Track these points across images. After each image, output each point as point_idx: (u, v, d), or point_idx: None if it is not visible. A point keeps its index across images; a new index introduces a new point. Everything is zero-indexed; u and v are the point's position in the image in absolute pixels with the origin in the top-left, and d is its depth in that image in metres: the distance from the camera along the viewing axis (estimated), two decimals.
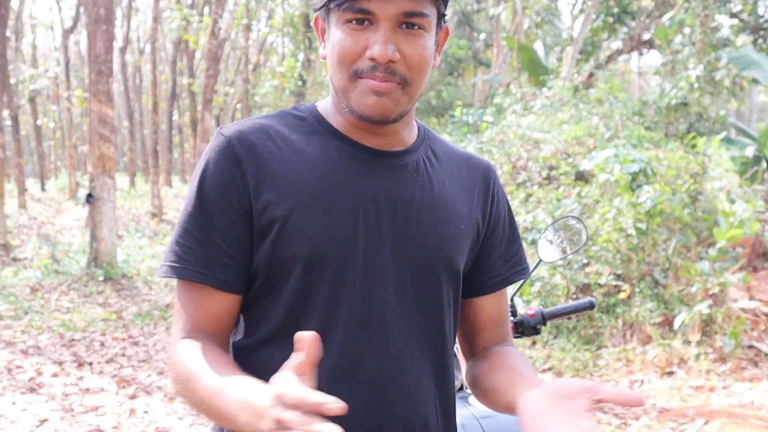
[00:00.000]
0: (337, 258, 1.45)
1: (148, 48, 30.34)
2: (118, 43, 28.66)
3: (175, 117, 30.46)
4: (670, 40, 13.44)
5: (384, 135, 1.53)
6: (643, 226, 7.24)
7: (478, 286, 1.66)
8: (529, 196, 9.72)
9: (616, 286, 7.31)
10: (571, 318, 7.34)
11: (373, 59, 1.39)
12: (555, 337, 7.36)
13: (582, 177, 9.52)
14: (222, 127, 1.51)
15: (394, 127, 1.52)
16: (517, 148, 11.71)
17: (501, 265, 1.68)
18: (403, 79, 1.43)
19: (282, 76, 25.48)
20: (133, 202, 27.10)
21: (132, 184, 33.16)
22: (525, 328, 2.36)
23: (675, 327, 6.67)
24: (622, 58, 19.53)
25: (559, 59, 19.26)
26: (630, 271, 7.32)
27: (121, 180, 33.18)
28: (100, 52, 12.02)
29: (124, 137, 41.40)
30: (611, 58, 18.47)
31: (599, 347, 7.07)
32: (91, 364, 7.60)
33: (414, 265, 1.52)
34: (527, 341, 7.34)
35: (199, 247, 1.44)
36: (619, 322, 7.11)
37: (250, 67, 25.46)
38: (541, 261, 2.50)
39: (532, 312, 2.37)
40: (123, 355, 8.05)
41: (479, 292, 1.66)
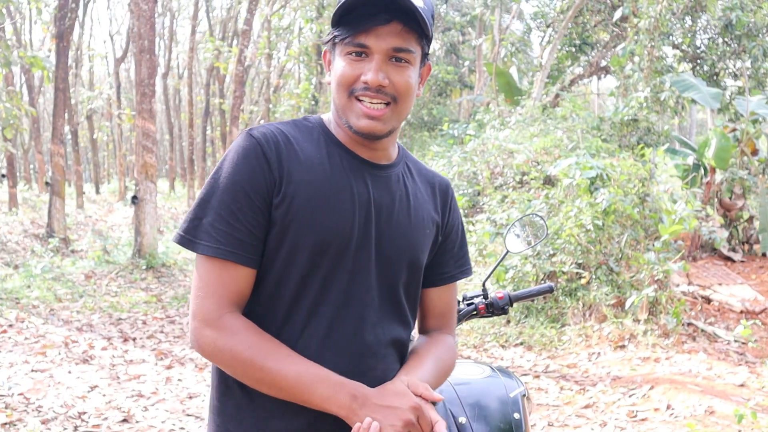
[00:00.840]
0: (336, 248, 1.53)
1: (186, 73, 30.34)
2: (161, 69, 28.69)
3: (208, 131, 30.44)
4: (622, 66, 13.43)
5: (375, 149, 1.62)
6: (599, 223, 7.24)
7: (431, 280, 1.75)
8: (505, 197, 9.71)
9: (577, 273, 7.31)
10: (536, 300, 7.34)
11: (366, 83, 1.50)
12: (526, 316, 7.36)
13: (549, 181, 9.50)
14: (250, 129, 1.56)
15: (383, 143, 1.62)
16: (495, 157, 11.71)
17: (451, 264, 1.78)
18: (393, 98, 1.52)
19: (298, 96, 25.48)
20: (172, 202, 27.16)
21: (171, 187, 33.21)
22: (495, 309, 2.37)
23: (626, 308, 6.67)
24: (583, 82, 19.49)
25: (531, 82, 19.24)
26: (589, 261, 7.32)
27: (162, 184, 33.24)
28: (145, 77, 12.02)
29: (165, 148, 41.42)
30: (574, 82, 18.44)
31: (563, 325, 7.06)
32: (134, 340, 7.59)
33: (388, 259, 1.60)
34: (502, 320, 7.33)
35: (232, 230, 1.48)
36: (580, 303, 7.10)
37: (271, 89, 25.46)
38: (508, 251, 2.50)
39: (501, 295, 2.38)
40: (161, 331, 8.04)
41: (431, 284, 1.76)
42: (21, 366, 6.45)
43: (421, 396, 1.49)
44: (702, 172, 11.48)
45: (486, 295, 2.39)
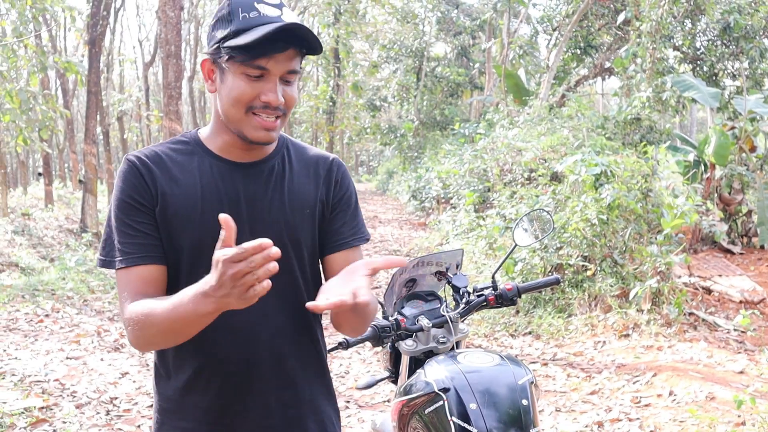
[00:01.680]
0: (210, 245, 1.53)
1: None
2: (187, 73, 28.75)
3: None
4: (625, 67, 13.36)
5: (249, 150, 1.75)
6: (604, 217, 7.20)
7: (328, 247, 1.84)
8: (514, 193, 9.68)
9: (583, 265, 7.28)
10: (544, 291, 7.31)
11: (266, 102, 1.62)
12: (534, 307, 7.33)
13: (556, 178, 9.46)
14: (127, 154, 1.73)
15: (256, 145, 1.73)
16: (504, 155, 11.68)
17: (345, 232, 1.86)
18: (284, 113, 1.67)
19: (316, 98, 25.53)
20: None
21: None
22: (504, 300, 2.37)
23: (630, 298, 6.64)
24: (588, 83, 19.41)
25: (538, 84, 19.17)
26: (594, 254, 7.29)
27: None
28: (172, 81, 12.04)
29: None
30: (579, 83, 18.37)
31: (569, 315, 7.03)
32: None
33: None
34: (511, 310, 7.32)
35: (132, 239, 1.64)
36: (586, 294, 7.07)
37: None
38: (516, 245, 2.49)
39: (509, 287, 2.38)
40: None
41: (329, 251, 1.84)
42: (56, 353, 6.49)
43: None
44: (702, 168, 11.40)
45: (495, 287, 2.40)
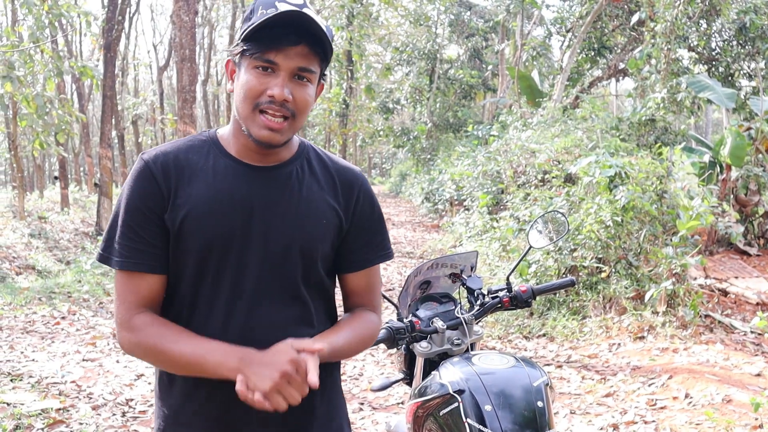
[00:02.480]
0: (219, 249, 1.64)
1: (224, 80, 30.53)
2: (201, 76, 28.90)
3: None
4: (640, 68, 13.31)
5: (265, 154, 1.70)
6: (619, 219, 7.18)
7: (346, 266, 1.82)
8: (528, 195, 9.66)
9: (597, 267, 7.25)
10: (557, 293, 7.29)
11: (272, 96, 1.58)
12: (548, 309, 7.32)
13: (570, 179, 9.43)
14: (143, 153, 1.68)
15: (276, 149, 1.70)
16: (518, 157, 11.66)
17: (365, 250, 1.82)
18: (292, 114, 1.62)
19: (329, 100, 25.56)
20: None
21: None
22: (518, 302, 2.38)
23: (645, 300, 6.61)
24: (602, 84, 19.34)
25: (552, 85, 19.12)
26: (609, 255, 7.26)
27: None
28: (186, 84, 12.11)
29: None
30: (593, 84, 18.31)
31: (584, 317, 7.01)
32: None
33: (277, 252, 1.68)
34: (525, 312, 7.30)
35: (134, 244, 1.62)
36: (600, 296, 7.05)
37: None
38: (531, 247, 2.49)
39: (524, 288, 2.38)
40: None
41: (347, 270, 1.82)
42: (73, 355, 6.53)
43: (303, 350, 1.53)
44: (718, 169, 11.32)
45: (510, 289, 2.40)
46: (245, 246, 1.66)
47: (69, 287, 9.89)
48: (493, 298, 2.38)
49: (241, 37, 1.62)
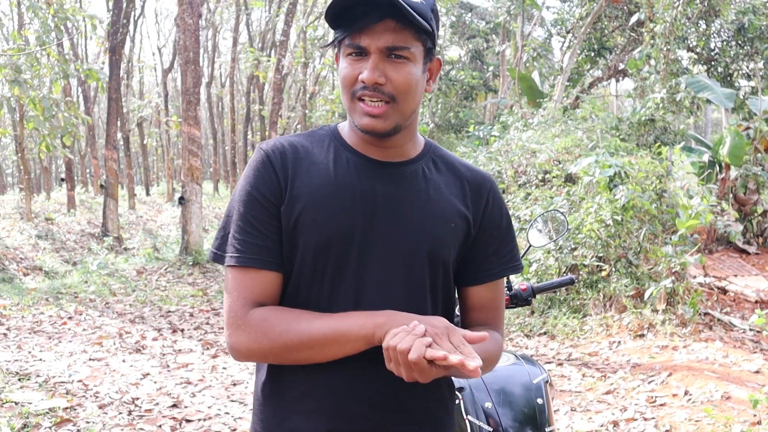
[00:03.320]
0: (338, 247, 1.48)
1: (228, 82, 30.58)
2: (205, 79, 28.94)
3: (249, 136, 30.65)
4: (639, 69, 13.30)
5: (387, 148, 1.54)
6: (618, 218, 7.18)
7: (470, 278, 1.62)
8: (528, 194, 9.66)
9: (597, 266, 7.26)
10: (558, 292, 7.30)
11: (363, 81, 1.42)
12: (549, 307, 7.33)
13: (570, 179, 9.43)
14: (261, 143, 1.55)
15: (395, 141, 1.53)
16: (519, 157, 11.65)
17: (493, 261, 1.63)
18: (391, 97, 1.44)
19: (332, 102, 25.56)
20: (216, 203, 27.38)
21: (216, 189, 33.51)
22: (519, 300, 2.37)
23: (645, 298, 6.61)
24: (602, 84, 19.33)
25: (552, 86, 19.11)
26: (609, 254, 7.26)
27: (207, 186, 33.53)
28: (190, 86, 12.13)
29: (209, 152, 41.74)
30: (593, 84, 18.30)
31: (584, 315, 7.02)
32: (182, 331, 7.67)
33: (402, 254, 1.51)
34: (526, 310, 7.31)
35: (251, 238, 1.47)
36: (600, 295, 7.05)
37: (307, 95, 25.56)
38: (531, 246, 2.49)
39: (524, 287, 2.38)
40: (207, 323, 8.12)
41: (471, 282, 1.63)
42: (80, 355, 6.55)
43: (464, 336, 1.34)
44: (717, 168, 11.32)
45: (510, 287, 2.39)
46: (366, 246, 1.50)
47: (75, 288, 9.92)
48: None
49: (329, 24, 1.48)
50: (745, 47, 14.85)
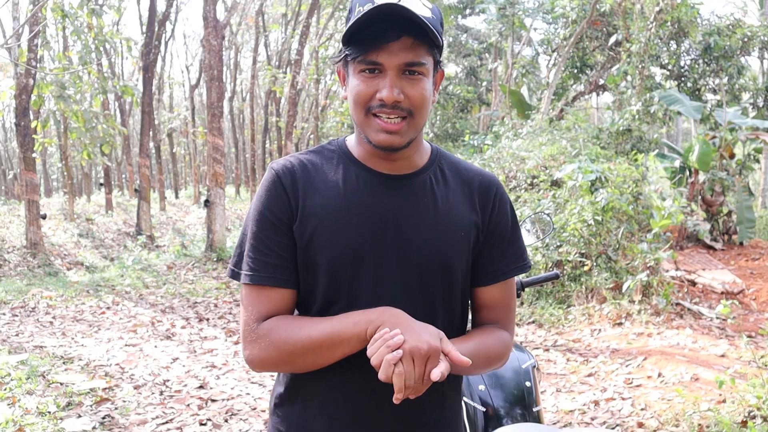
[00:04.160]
0: (352, 263, 1.37)
1: (248, 96, 30.60)
2: (227, 93, 28.97)
3: (267, 145, 30.62)
4: (617, 84, 13.28)
5: (395, 160, 1.43)
6: (599, 218, 7.17)
7: (479, 279, 1.50)
8: (518, 197, 9.65)
9: (580, 261, 7.25)
10: (545, 285, 7.29)
11: (382, 100, 1.31)
12: (537, 299, 7.32)
13: (556, 183, 9.42)
14: (272, 163, 1.45)
15: (404, 153, 1.42)
16: (509, 163, 11.63)
17: (500, 261, 1.50)
18: (408, 113, 1.34)
19: (342, 114, 25.56)
20: (237, 205, 27.39)
21: (237, 192, 33.51)
22: None
23: (623, 290, 6.61)
24: (584, 98, 19.29)
25: (539, 99, 19.08)
26: (590, 251, 7.26)
27: (230, 190, 33.56)
28: (214, 101, 12.14)
29: (232, 159, 41.77)
30: (576, 98, 18.25)
31: (569, 306, 7.01)
32: (208, 320, 7.68)
33: (415, 269, 1.39)
34: (517, 302, 7.30)
35: (263, 257, 1.37)
36: (583, 287, 7.05)
37: (319, 108, 25.56)
38: None
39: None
40: (230, 313, 8.13)
41: (481, 283, 1.50)
42: (117, 341, 6.57)
43: (448, 353, 1.25)
44: (687, 173, 11.30)
45: None
46: (380, 261, 1.38)
47: (113, 281, 9.94)
48: None
49: (342, 40, 1.36)
50: (711, 65, 14.83)
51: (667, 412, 4.09)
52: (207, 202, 12.08)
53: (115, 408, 4.67)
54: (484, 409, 1.79)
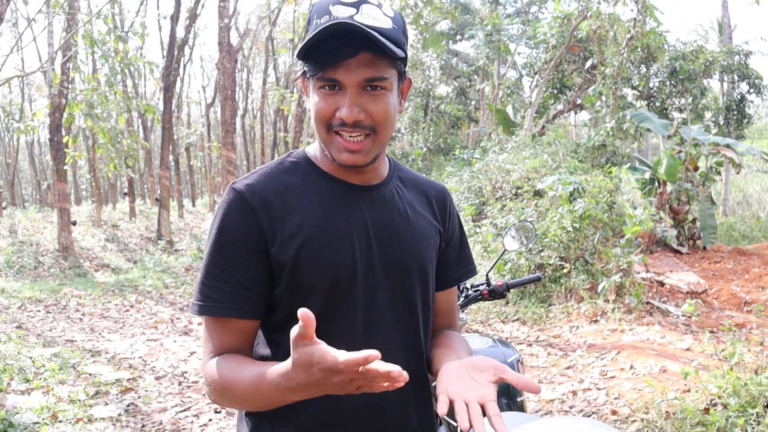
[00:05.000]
0: (345, 280, 1.21)
1: (259, 114, 30.63)
2: (240, 111, 29.00)
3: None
4: (593, 103, 13.33)
5: (364, 173, 1.27)
6: (577, 225, 7.19)
7: (437, 283, 1.41)
8: (504, 206, 9.66)
9: (560, 264, 7.26)
10: (528, 286, 7.30)
11: (342, 119, 1.15)
12: (521, 298, 7.33)
13: (538, 193, 9.44)
14: (234, 182, 1.22)
15: (371, 166, 1.26)
16: (496, 175, 11.65)
17: (455, 266, 1.44)
18: (372, 129, 1.18)
19: None
20: None
21: None
22: (496, 294, 2.36)
23: (599, 291, 6.62)
24: (563, 116, 19.35)
25: (523, 117, 19.12)
26: (569, 255, 7.27)
27: None
28: (228, 118, 12.16)
29: (243, 172, 41.77)
30: (556, 116, 18.30)
31: (549, 305, 7.02)
32: None
33: (400, 276, 1.28)
34: (502, 301, 7.31)
35: (223, 285, 1.16)
36: (563, 288, 7.06)
37: None
38: (506, 249, 2.51)
39: (500, 283, 2.38)
40: None
41: (438, 288, 1.41)
42: (139, 336, 6.58)
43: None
44: (656, 184, 11.33)
45: (489, 283, 2.38)
46: (371, 271, 1.24)
47: (136, 281, 9.94)
48: (475, 291, 2.37)
49: (298, 56, 1.16)
50: (677, 86, 14.90)
51: (638, 401, 4.10)
52: None
53: (138, 397, 4.68)
54: None
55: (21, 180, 43.06)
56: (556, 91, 17.83)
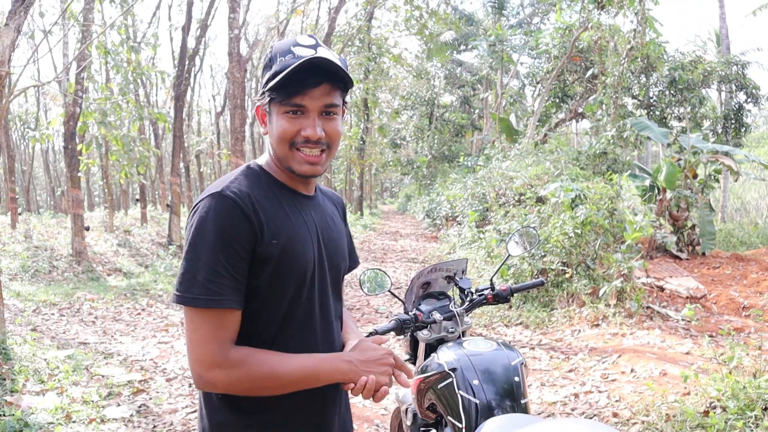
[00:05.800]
0: (310, 274, 1.46)
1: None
2: (249, 120, 29.06)
3: None
4: (594, 112, 13.33)
5: (308, 183, 1.54)
6: (579, 231, 7.18)
7: None
8: (507, 212, 9.67)
9: (562, 269, 7.25)
10: (530, 291, 7.29)
11: (307, 137, 1.40)
12: (524, 302, 7.31)
13: (540, 200, 9.44)
14: (221, 190, 1.36)
15: (312, 179, 1.53)
16: (499, 182, 11.68)
17: (351, 260, 1.74)
18: (327, 146, 1.44)
19: (350, 138, 25.63)
20: None
21: None
22: (499, 298, 2.36)
23: (600, 295, 6.60)
24: (565, 124, 19.34)
25: (525, 125, 19.15)
26: (571, 260, 7.26)
27: None
28: (237, 126, 12.19)
29: None
30: (558, 124, 18.30)
31: (552, 309, 7.00)
32: None
33: (334, 270, 1.57)
34: (506, 306, 7.30)
35: (227, 281, 1.32)
36: (565, 292, 7.04)
37: None
38: (509, 255, 2.50)
39: (504, 287, 2.37)
40: None
41: None
42: (151, 339, 6.58)
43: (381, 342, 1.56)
44: (656, 191, 11.30)
45: (493, 288, 2.38)
46: (322, 269, 1.51)
47: (147, 285, 9.96)
48: (479, 295, 2.37)
49: (267, 86, 1.40)
50: (676, 96, 14.89)
51: (638, 404, 4.09)
52: None
53: (150, 398, 4.68)
54: (478, 401, 1.81)
55: (36, 186, 43.31)
56: (558, 100, 17.83)
